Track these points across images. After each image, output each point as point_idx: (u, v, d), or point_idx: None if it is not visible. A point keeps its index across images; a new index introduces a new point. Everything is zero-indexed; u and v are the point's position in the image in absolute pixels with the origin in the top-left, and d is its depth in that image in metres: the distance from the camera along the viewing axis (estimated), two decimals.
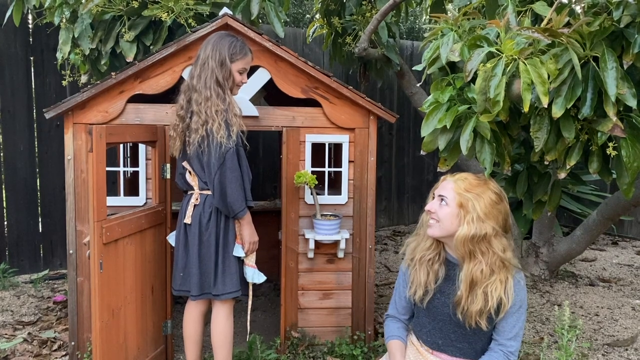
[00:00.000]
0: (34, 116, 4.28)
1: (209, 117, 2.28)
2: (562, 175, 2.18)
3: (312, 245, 2.85)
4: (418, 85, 3.38)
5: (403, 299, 2.21)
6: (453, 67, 2.38)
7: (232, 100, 2.37)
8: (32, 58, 4.24)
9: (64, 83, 3.54)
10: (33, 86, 4.26)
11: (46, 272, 4.32)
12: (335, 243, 2.89)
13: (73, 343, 2.74)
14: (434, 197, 2.06)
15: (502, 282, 1.93)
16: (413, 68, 2.70)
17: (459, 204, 1.95)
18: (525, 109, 1.86)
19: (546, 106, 1.87)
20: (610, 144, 2.03)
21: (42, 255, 4.40)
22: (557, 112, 1.93)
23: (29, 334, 3.16)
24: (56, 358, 2.88)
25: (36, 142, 4.32)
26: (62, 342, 3.04)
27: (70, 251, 2.70)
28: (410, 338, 2.24)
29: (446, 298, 2.04)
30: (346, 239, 2.88)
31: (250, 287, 2.54)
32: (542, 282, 4.20)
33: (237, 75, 2.41)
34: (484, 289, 1.92)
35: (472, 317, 1.94)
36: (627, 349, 3.07)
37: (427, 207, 2.03)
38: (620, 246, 5.50)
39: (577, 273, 4.51)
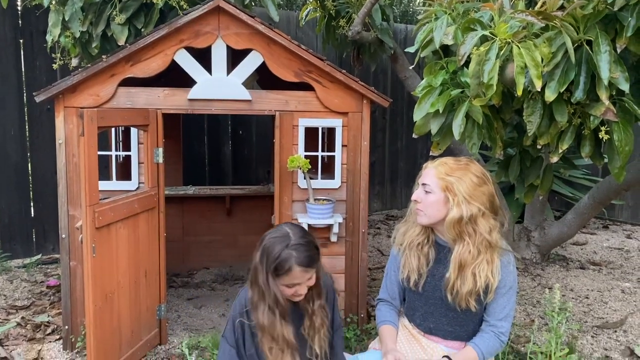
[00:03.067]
0: (24, 100, 4.23)
1: None
2: (555, 159, 2.19)
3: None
4: (411, 68, 3.37)
5: (394, 282, 2.23)
6: (446, 51, 2.37)
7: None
8: (21, 41, 4.18)
9: (55, 66, 3.50)
10: (23, 69, 4.21)
11: (39, 256, 4.31)
12: (329, 227, 2.90)
13: (67, 327, 2.74)
14: (418, 186, 2.07)
15: (488, 263, 1.96)
16: (406, 50, 2.68)
17: (444, 188, 1.96)
18: (519, 92, 1.86)
19: (539, 90, 1.87)
20: (603, 128, 2.03)
21: (34, 239, 4.39)
22: (550, 95, 1.93)
23: (22, 318, 3.16)
24: (50, 342, 2.88)
25: (27, 126, 4.28)
26: (55, 326, 3.04)
27: (63, 236, 2.69)
28: (402, 321, 2.26)
29: (437, 281, 2.06)
30: (339, 223, 2.89)
31: None
32: (533, 265, 4.24)
33: (286, 290, 1.83)
34: (472, 270, 1.95)
35: (463, 298, 1.97)
36: (616, 331, 3.11)
37: (413, 197, 2.05)
38: (611, 230, 5.55)
39: (568, 256, 4.56)
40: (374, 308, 3.37)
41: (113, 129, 3.08)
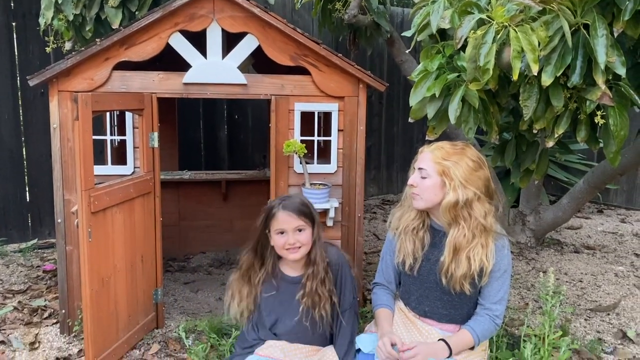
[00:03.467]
0: (18, 84, 4.19)
1: None
2: (550, 143, 2.19)
3: None
4: (408, 52, 3.35)
5: (390, 267, 2.25)
6: (443, 35, 2.35)
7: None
8: (14, 24, 4.14)
9: (48, 50, 3.46)
10: (16, 53, 4.17)
11: (35, 241, 4.31)
12: (325, 212, 2.90)
13: (64, 311, 2.75)
14: (414, 170, 2.09)
15: (483, 246, 1.98)
16: (403, 34, 2.66)
17: (440, 173, 1.98)
18: (515, 77, 1.85)
19: (536, 74, 1.87)
20: (599, 113, 2.03)
21: (30, 224, 4.38)
22: (546, 80, 1.92)
23: (19, 302, 3.17)
24: (47, 326, 2.89)
25: (21, 111, 4.25)
26: (52, 310, 3.05)
27: (59, 220, 2.69)
28: (398, 304, 2.28)
29: (432, 265, 2.08)
30: (335, 208, 2.89)
31: None
32: (528, 249, 4.27)
33: (278, 240, 2.10)
34: (467, 254, 1.97)
35: (457, 281, 1.99)
36: (609, 314, 3.15)
37: (409, 181, 2.06)
38: (605, 214, 5.59)
39: (563, 240, 4.59)
40: (370, 292, 3.40)
41: (108, 113, 3.06)
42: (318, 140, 3.00)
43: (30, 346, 2.67)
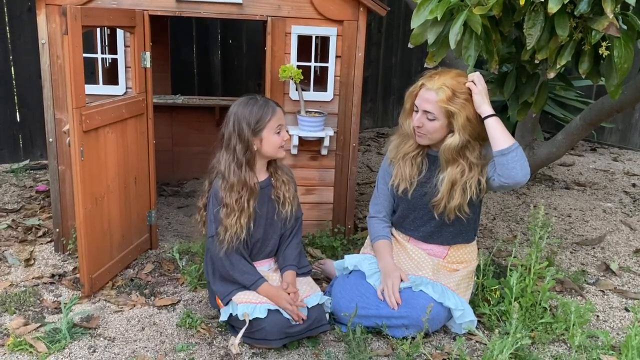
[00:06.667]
0: None
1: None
2: (552, 74, 2.15)
3: (295, 141, 2.84)
4: None
5: (385, 196, 2.29)
6: None
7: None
8: None
9: None
10: None
11: (27, 162, 4.28)
12: (319, 140, 2.89)
13: (58, 230, 2.77)
14: (414, 108, 2.10)
15: (475, 178, 2.06)
16: None
17: (447, 115, 2.03)
18: (521, 1, 1.79)
19: (542, 0, 1.80)
20: (604, 44, 1.98)
21: (21, 145, 4.34)
22: (553, 7, 1.85)
23: (12, 220, 3.19)
24: (41, 244, 2.93)
25: (8, 29, 4.10)
26: (46, 229, 3.08)
27: (50, 140, 2.66)
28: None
29: (426, 190, 2.15)
30: (330, 137, 2.87)
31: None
32: None
33: (275, 138, 2.08)
34: (462, 186, 2.05)
35: (452, 211, 2.08)
36: (594, 248, 3.22)
37: (414, 123, 2.10)
38: (599, 152, 5.60)
39: (554, 177, 4.62)
40: (361, 220, 3.46)
41: (98, 31, 2.96)
42: (315, 67, 2.93)
43: (26, 262, 2.71)
